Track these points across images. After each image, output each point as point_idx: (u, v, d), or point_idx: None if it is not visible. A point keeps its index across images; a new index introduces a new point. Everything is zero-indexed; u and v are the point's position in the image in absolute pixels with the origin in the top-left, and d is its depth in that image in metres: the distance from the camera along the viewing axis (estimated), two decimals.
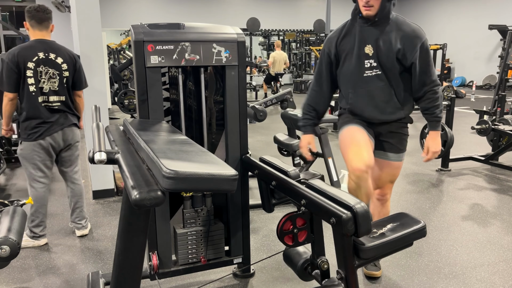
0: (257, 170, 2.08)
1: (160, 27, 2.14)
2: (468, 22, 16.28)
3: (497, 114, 5.55)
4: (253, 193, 3.87)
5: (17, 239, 2.10)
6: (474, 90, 12.76)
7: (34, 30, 2.86)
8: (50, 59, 2.84)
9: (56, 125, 2.89)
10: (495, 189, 4.22)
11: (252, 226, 3.21)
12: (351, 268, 1.54)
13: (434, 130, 2.29)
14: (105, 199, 3.94)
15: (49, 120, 2.87)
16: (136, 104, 2.17)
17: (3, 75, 2.76)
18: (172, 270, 2.27)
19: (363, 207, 1.44)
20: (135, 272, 1.40)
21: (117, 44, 10.89)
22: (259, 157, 2.22)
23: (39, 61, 2.80)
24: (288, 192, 1.80)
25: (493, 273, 2.60)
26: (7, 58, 2.75)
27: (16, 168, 5.06)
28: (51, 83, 2.86)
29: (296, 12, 17.91)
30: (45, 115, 2.86)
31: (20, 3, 16.09)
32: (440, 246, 2.96)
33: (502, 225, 3.32)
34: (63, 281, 2.55)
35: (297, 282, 2.51)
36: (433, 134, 2.29)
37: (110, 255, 2.88)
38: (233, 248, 2.40)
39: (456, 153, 5.18)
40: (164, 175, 1.10)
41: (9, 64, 2.74)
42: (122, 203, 1.39)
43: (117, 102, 8.07)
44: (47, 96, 2.86)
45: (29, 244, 2.98)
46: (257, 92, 12.51)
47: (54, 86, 2.87)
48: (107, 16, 14.49)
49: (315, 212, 1.65)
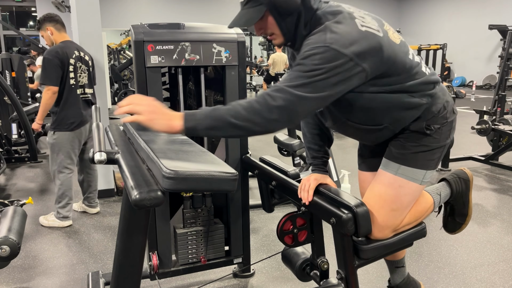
0: (257, 170, 2.08)
1: (160, 27, 2.14)
2: (468, 22, 16.28)
3: (497, 114, 5.55)
4: (253, 193, 3.87)
5: (17, 239, 2.11)
6: (474, 90, 12.76)
7: (60, 33, 3.28)
8: (81, 57, 3.30)
9: (88, 116, 3.33)
10: (495, 189, 4.22)
11: (252, 226, 3.21)
12: (351, 268, 1.54)
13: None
14: (105, 199, 3.94)
15: (84, 111, 3.29)
16: None
17: (46, 72, 3.09)
18: (172, 270, 2.27)
19: (363, 208, 1.44)
20: (135, 272, 1.40)
21: (117, 44, 10.89)
22: (259, 157, 2.22)
23: (76, 58, 3.23)
24: (288, 192, 1.80)
25: (493, 273, 2.60)
26: (51, 55, 3.10)
27: (16, 168, 5.07)
28: (84, 78, 3.32)
29: None
30: (81, 106, 3.27)
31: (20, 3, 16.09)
32: (440, 246, 2.96)
33: (502, 225, 3.32)
34: (63, 281, 2.55)
35: (297, 282, 2.51)
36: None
37: (110, 255, 2.88)
38: (233, 248, 2.40)
39: (456, 153, 5.18)
40: (164, 175, 1.10)
41: (54, 61, 3.10)
42: (122, 203, 1.39)
43: (117, 102, 8.07)
44: (83, 88, 3.30)
45: (55, 224, 3.32)
46: (257, 92, 12.52)
47: (86, 80, 3.33)
48: (107, 16, 14.48)
49: (315, 212, 1.65)
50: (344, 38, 1.27)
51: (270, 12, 1.36)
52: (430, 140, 1.49)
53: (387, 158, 1.55)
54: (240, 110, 1.25)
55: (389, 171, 1.52)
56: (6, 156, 5.08)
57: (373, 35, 1.31)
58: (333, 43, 1.25)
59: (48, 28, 3.24)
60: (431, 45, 11.83)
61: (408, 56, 1.43)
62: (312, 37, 1.32)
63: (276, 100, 1.25)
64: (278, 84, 1.29)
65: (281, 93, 1.26)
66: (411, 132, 1.50)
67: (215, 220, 2.34)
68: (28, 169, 5.04)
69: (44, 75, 3.10)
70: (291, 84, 1.26)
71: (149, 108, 1.25)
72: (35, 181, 4.58)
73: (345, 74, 1.27)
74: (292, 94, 1.25)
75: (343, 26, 1.30)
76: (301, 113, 1.30)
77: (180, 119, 1.25)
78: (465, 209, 1.84)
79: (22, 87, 6.30)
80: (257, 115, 1.25)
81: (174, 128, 1.25)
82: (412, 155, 1.50)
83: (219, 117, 1.25)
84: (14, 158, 5.18)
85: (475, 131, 4.92)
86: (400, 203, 1.51)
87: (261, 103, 1.26)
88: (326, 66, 1.25)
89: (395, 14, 19.62)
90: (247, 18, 1.36)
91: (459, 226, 1.86)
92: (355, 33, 1.29)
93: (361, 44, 1.28)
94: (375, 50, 1.30)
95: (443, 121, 1.50)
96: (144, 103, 1.26)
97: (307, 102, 1.27)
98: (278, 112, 1.25)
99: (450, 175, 1.85)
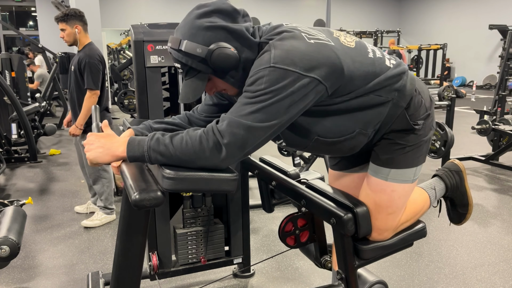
0: (257, 170, 2.07)
1: (160, 27, 2.13)
2: (468, 21, 16.28)
3: (498, 114, 5.55)
4: (253, 193, 3.87)
5: (17, 239, 2.10)
6: (474, 90, 12.75)
7: (86, 34, 3.25)
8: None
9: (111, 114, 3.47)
10: (495, 189, 4.22)
11: (252, 226, 3.21)
12: (351, 268, 1.54)
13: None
14: None
15: (110, 110, 3.45)
16: (136, 104, 2.17)
17: (93, 76, 3.11)
18: (172, 270, 2.27)
19: (363, 208, 1.44)
20: (135, 272, 1.39)
21: (117, 44, 10.89)
22: (259, 157, 2.22)
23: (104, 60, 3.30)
24: (288, 192, 1.79)
25: (493, 273, 2.59)
26: (96, 60, 3.14)
27: (16, 168, 5.06)
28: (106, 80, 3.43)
29: (296, 12, 17.92)
30: (108, 106, 3.41)
31: (20, 3, 16.10)
32: (440, 246, 2.96)
33: (502, 225, 3.31)
34: (63, 281, 2.55)
35: (297, 282, 2.51)
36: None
37: (110, 255, 2.88)
38: (233, 248, 2.40)
39: (456, 153, 5.17)
40: (164, 175, 1.10)
41: (98, 66, 3.15)
42: (122, 203, 1.39)
43: (117, 102, 8.06)
44: (107, 89, 3.46)
45: (108, 220, 3.43)
46: None
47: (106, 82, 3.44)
48: (107, 16, 14.48)
49: (315, 212, 1.65)
50: (291, 54, 1.17)
51: (213, 74, 1.27)
52: (417, 137, 1.43)
53: (375, 163, 1.47)
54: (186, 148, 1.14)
55: (379, 177, 1.46)
56: (6, 156, 5.08)
57: (324, 45, 1.23)
58: (278, 62, 1.15)
59: (76, 26, 3.16)
60: (431, 45, 11.82)
61: (368, 56, 1.35)
62: (257, 60, 1.22)
63: (224, 136, 1.13)
64: (226, 116, 1.17)
65: (229, 126, 1.14)
66: (396, 133, 1.42)
67: (215, 220, 2.34)
68: (28, 169, 5.04)
69: (92, 80, 3.11)
70: (239, 114, 1.14)
71: (96, 145, 1.22)
72: (35, 181, 4.58)
73: (299, 93, 1.17)
74: (241, 125, 1.14)
75: (288, 41, 1.21)
76: (255, 145, 1.19)
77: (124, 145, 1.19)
78: (464, 199, 1.84)
79: (21, 87, 6.30)
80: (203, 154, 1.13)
81: (118, 156, 1.21)
82: (401, 157, 1.43)
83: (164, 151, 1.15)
84: (14, 158, 5.18)
85: (475, 131, 4.92)
86: (396, 206, 1.49)
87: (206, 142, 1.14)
88: (275, 88, 1.14)
89: (395, 14, 19.63)
90: (193, 88, 1.28)
91: (464, 216, 1.88)
92: (304, 46, 1.20)
93: (312, 56, 1.18)
94: (329, 61, 1.22)
95: (425, 113, 1.44)
96: (92, 141, 1.23)
97: (259, 132, 1.16)
98: (228, 150, 1.13)
99: (441, 170, 1.85)
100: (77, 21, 3.16)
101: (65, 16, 3.13)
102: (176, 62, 1.28)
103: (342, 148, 1.45)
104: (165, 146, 1.14)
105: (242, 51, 1.25)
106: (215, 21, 1.21)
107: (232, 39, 1.23)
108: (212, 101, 1.56)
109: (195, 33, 1.21)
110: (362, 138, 1.42)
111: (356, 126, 1.37)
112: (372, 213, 1.48)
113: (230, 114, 1.16)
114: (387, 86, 1.35)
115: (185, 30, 1.23)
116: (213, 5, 1.23)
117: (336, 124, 1.35)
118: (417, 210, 1.64)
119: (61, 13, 3.16)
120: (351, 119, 1.35)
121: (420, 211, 1.66)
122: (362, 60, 1.32)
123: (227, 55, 1.20)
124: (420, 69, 12.79)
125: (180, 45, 1.22)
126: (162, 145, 1.15)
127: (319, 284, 2.49)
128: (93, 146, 1.22)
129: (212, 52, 1.20)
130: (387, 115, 1.38)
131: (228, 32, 1.22)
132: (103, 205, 3.42)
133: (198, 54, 1.21)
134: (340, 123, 1.36)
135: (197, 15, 1.23)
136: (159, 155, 1.14)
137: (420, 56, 12.39)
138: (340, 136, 1.39)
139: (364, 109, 1.36)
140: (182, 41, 1.22)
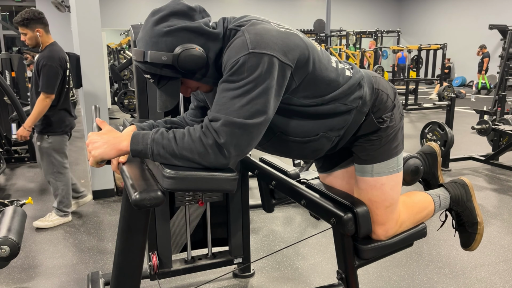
0: (257, 170, 2.08)
1: None
2: (468, 22, 16.29)
3: (498, 114, 5.55)
4: (253, 193, 3.87)
5: (17, 239, 2.10)
6: (474, 90, 12.75)
7: (48, 34, 3.13)
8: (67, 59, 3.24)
9: (74, 118, 3.38)
10: (495, 189, 4.22)
11: (252, 226, 3.21)
12: (351, 268, 1.54)
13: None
14: (105, 199, 3.94)
15: (73, 113, 3.36)
16: (136, 104, 2.17)
17: (48, 80, 3.00)
18: (172, 270, 2.27)
19: (363, 208, 1.44)
20: (135, 272, 1.39)
21: (117, 44, 10.88)
22: (259, 157, 2.22)
23: (67, 61, 3.20)
24: (288, 192, 1.80)
25: (493, 273, 2.59)
26: (53, 62, 3.02)
27: (16, 168, 5.06)
28: (71, 80, 3.35)
29: (296, 12, 17.92)
30: (72, 108, 3.34)
31: (20, 3, 16.09)
32: (440, 246, 2.96)
33: (502, 225, 3.31)
34: (63, 281, 2.55)
35: (297, 282, 2.51)
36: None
37: (110, 255, 2.88)
38: (233, 248, 2.40)
39: (456, 153, 5.18)
40: (164, 175, 1.10)
41: (57, 68, 3.04)
42: (122, 203, 1.39)
43: (117, 102, 8.07)
44: (72, 91, 3.40)
45: (61, 222, 3.40)
46: None
47: (72, 82, 3.40)
48: (107, 16, 14.48)
49: (315, 212, 1.65)
50: (266, 38, 1.16)
51: (185, 77, 1.25)
52: (388, 130, 1.46)
53: (358, 163, 1.51)
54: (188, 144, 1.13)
55: (365, 175, 1.50)
56: (5, 156, 5.08)
57: (294, 34, 1.24)
58: (255, 47, 1.14)
59: (38, 30, 3.04)
60: (431, 45, 11.81)
61: (331, 64, 1.36)
62: (230, 47, 1.19)
63: (221, 135, 1.12)
64: (219, 114, 1.14)
65: (224, 126, 1.12)
66: (367, 134, 1.46)
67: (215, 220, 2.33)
68: (28, 169, 5.04)
69: (47, 83, 2.99)
70: (231, 110, 1.13)
71: (100, 142, 1.21)
72: (34, 181, 4.58)
73: (279, 79, 1.17)
74: (236, 124, 1.12)
75: (260, 25, 1.20)
76: (252, 143, 1.18)
77: (128, 139, 1.18)
78: (472, 215, 1.81)
79: (22, 87, 6.29)
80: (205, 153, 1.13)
81: (122, 150, 1.20)
82: (378, 151, 1.47)
83: (166, 145, 1.14)
84: (14, 158, 5.17)
85: (475, 131, 4.92)
86: (391, 197, 1.51)
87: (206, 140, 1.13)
88: (257, 75, 1.13)
89: (395, 14, 19.63)
90: (169, 95, 1.26)
91: (474, 236, 1.82)
92: (275, 32, 1.19)
93: (283, 41, 1.18)
94: (299, 48, 1.22)
95: (391, 104, 1.47)
96: (95, 140, 1.22)
97: (254, 128, 1.15)
98: (228, 150, 1.13)
99: (446, 183, 1.87)
100: (37, 24, 3.03)
101: (24, 20, 3.00)
102: (145, 74, 1.25)
103: (304, 150, 1.46)
104: (168, 140, 1.14)
105: (208, 46, 1.22)
106: (173, 24, 1.18)
107: (195, 37, 1.20)
108: (194, 104, 1.57)
109: (157, 41, 1.18)
110: (325, 142, 1.44)
111: (320, 129, 1.40)
112: (371, 210, 1.50)
113: (221, 113, 1.14)
114: (350, 94, 1.38)
115: (146, 40, 1.20)
116: (167, 8, 1.20)
117: (300, 124, 1.37)
118: (420, 208, 1.65)
119: (19, 16, 3.01)
120: (316, 123, 1.38)
121: (423, 211, 1.67)
122: (326, 64, 1.33)
123: (193, 55, 1.17)
124: (420, 69, 12.79)
125: (144, 56, 1.19)
126: (166, 139, 1.15)
127: (319, 284, 2.50)
128: (97, 144, 1.21)
129: (178, 57, 1.17)
130: (352, 121, 1.42)
131: (189, 31, 1.19)
132: (56, 207, 3.36)
133: (164, 62, 1.18)
134: (305, 124, 1.38)
135: (154, 22, 1.20)
136: (162, 148, 1.14)
137: (420, 56, 12.39)
138: (303, 137, 1.40)
139: (330, 116, 1.38)
140: (146, 52, 1.19)
